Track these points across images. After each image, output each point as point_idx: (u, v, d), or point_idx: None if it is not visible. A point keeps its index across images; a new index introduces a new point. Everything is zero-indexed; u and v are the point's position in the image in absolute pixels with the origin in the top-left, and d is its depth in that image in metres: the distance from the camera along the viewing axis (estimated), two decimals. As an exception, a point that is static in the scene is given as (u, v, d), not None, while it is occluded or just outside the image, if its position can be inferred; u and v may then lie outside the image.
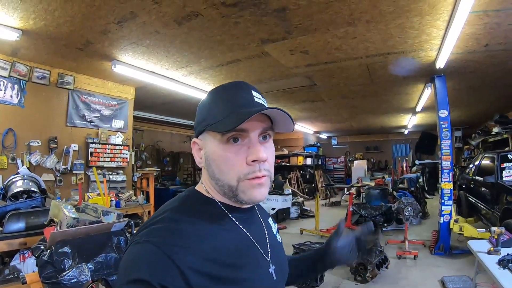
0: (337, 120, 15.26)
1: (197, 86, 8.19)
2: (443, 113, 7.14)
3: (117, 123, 8.30)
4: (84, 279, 2.69)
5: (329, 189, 16.35)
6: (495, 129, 11.00)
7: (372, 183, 12.45)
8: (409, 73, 7.31)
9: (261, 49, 5.88)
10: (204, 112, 1.02)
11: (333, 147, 22.24)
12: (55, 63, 6.55)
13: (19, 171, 5.20)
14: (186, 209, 0.99)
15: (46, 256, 2.69)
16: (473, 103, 10.85)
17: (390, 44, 5.76)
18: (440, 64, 6.29)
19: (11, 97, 6.14)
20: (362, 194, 11.74)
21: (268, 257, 1.08)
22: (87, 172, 7.39)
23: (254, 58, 6.37)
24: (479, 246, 3.72)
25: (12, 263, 3.79)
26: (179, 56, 6.26)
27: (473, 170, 8.50)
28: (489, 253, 3.44)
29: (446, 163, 7.10)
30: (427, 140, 16.25)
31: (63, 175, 6.95)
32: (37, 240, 3.21)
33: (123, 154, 8.20)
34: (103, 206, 4.36)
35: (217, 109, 0.98)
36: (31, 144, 6.43)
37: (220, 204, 1.03)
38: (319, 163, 19.63)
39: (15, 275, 3.50)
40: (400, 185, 11.93)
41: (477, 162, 8.44)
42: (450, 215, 6.84)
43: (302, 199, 13.64)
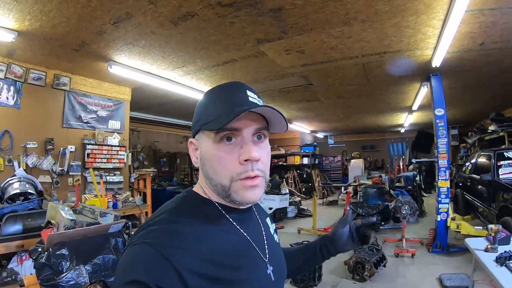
0: (333, 120, 15.28)
1: (193, 86, 8.18)
2: (440, 112, 7.16)
3: (114, 124, 8.27)
4: (82, 281, 2.68)
5: (326, 188, 16.36)
6: (491, 127, 11.03)
7: (369, 182, 12.47)
8: (405, 72, 7.33)
9: (257, 49, 5.88)
10: (200, 112, 1.02)
11: (330, 146, 22.25)
12: (51, 64, 6.52)
13: (15, 173, 5.17)
14: (184, 210, 0.99)
15: (43, 258, 2.68)
16: (469, 101, 10.87)
17: (386, 43, 5.77)
18: (436, 63, 6.30)
19: (7, 98, 6.11)
20: (359, 193, 11.76)
21: (266, 258, 1.08)
22: (84, 174, 7.36)
23: (250, 58, 6.36)
24: (476, 244, 3.73)
25: (9, 266, 3.77)
26: (175, 57, 6.25)
27: (469, 168, 8.52)
28: (486, 250, 3.44)
29: (442, 162, 7.11)
30: (423, 138, 16.30)
31: (60, 176, 6.92)
32: (35, 242, 3.20)
33: (120, 155, 8.17)
34: (100, 208, 4.33)
35: (211, 108, 0.98)
36: (28, 145, 6.40)
37: (217, 205, 1.02)
38: (316, 162, 19.65)
39: (13, 277, 3.48)
40: (397, 184, 11.94)
41: (473, 160, 8.47)
42: (447, 213, 6.86)
43: (299, 198, 13.62)
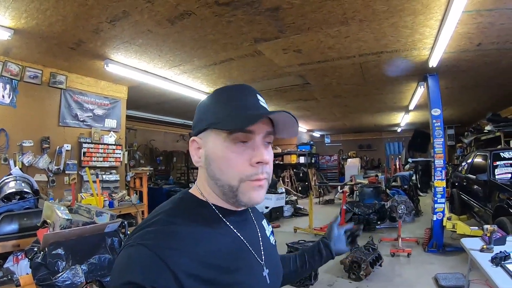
0: (330, 119, 15.29)
1: (190, 85, 8.18)
2: (436, 112, 7.17)
3: (110, 123, 8.24)
4: (78, 280, 2.69)
5: (322, 187, 16.38)
6: (488, 127, 11.06)
7: (366, 181, 12.51)
8: (402, 72, 7.34)
9: (254, 48, 5.87)
10: (208, 111, 1.01)
11: (326, 145, 22.25)
12: (47, 62, 6.50)
13: (11, 172, 5.18)
14: (180, 211, 0.98)
15: (39, 258, 2.69)
16: (466, 101, 10.89)
17: (383, 43, 5.77)
18: (433, 63, 6.31)
19: (3, 97, 6.08)
20: (355, 192, 11.79)
21: (262, 260, 1.08)
22: (80, 172, 7.34)
23: (247, 57, 6.36)
24: (472, 244, 3.73)
25: (5, 265, 3.78)
26: (171, 55, 6.23)
27: (465, 168, 8.54)
28: (482, 250, 3.44)
29: (438, 161, 7.13)
30: (419, 138, 16.30)
31: (56, 175, 6.89)
32: (31, 242, 3.21)
33: (116, 153, 8.15)
34: (96, 207, 4.34)
35: (223, 108, 0.98)
36: (24, 144, 6.37)
37: (214, 207, 1.02)
38: (313, 161, 19.66)
39: (9, 277, 3.49)
40: (393, 183, 11.99)
41: (469, 160, 8.49)
42: (443, 212, 6.88)
43: (295, 197, 13.65)
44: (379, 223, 8.88)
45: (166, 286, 0.79)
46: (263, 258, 1.09)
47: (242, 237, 1.04)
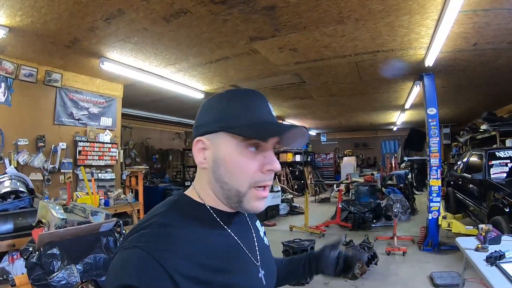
0: (326, 117, 15.30)
1: (186, 83, 8.16)
2: (432, 111, 7.19)
3: (106, 121, 8.20)
4: (74, 280, 2.67)
5: (318, 185, 16.38)
6: (483, 126, 11.08)
7: (361, 180, 12.50)
8: (398, 71, 7.35)
9: (250, 46, 5.86)
10: (222, 113, 0.99)
11: (323, 143, 22.25)
12: (42, 60, 6.45)
13: (6, 171, 5.15)
14: (175, 213, 0.98)
15: (34, 258, 2.67)
16: (462, 100, 10.91)
17: (379, 42, 5.77)
18: (429, 62, 6.31)
19: (-2, 95, 6.06)
20: (351, 190, 11.80)
21: (257, 261, 1.08)
22: (75, 171, 7.28)
23: (243, 56, 6.35)
24: (467, 243, 3.74)
25: (0, 265, 3.76)
26: (167, 54, 6.22)
27: (461, 167, 8.57)
28: (476, 250, 3.45)
29: (434, 160, 7.14)
30: (415, 137, 16.37)
31: (51, 174, 6.84)
32: (26, 241, 3.19)
33: (112, 152, 8.12)
34: (91, 206, 4.33)
35: (240, 112, 0.98)
36: (19, 143, 6.32)
37: (209, 209, 1.02)
38: (309, 159, 19.67)
39: (4, 277, 3.47)
40: (389, 182, 11.99)
41: (465, 159, 8.51)
42: (438, 211, 6.90)
43: (291, 195, 13.66)
44: (374, 221, 8.90)
45: None
46: (259, 259, 1.10)
47: (237, 238, 1.04)
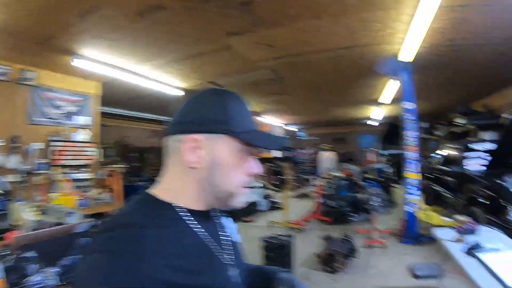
0: (304, 113, 15.38)
1: (163, 80, 8.10)
2: (409, 105, 7.22)
3: (82, 120, 8.08)
4: (51, 283, 2.62)
5: (298, 181, 16.38)
6: (459, 120, 11.24)
7: (340, 174, 12.56)
8: (375, 66, 7.36)
9: (227, 42, 5.83)
10: (222, 114, 0.98)
11: (302, 139, 22.33)
12: (15, 58, 6.32)
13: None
14: (141, 213, 0.93)
15: (10, 261, 2.62)
16: (439, 95, 11.07)
17: (355, 38, 5.80)
18: (406, 57, 6.37)
19: (-30, 95, 5.93)
20: (330, 185, 11.85)
21: (228, 260, 1.06)
22: (51, 172, 7.16)
23: (220, 52, 6.32)
24: (444, 234, 3.77)
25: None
26: (143, 50, 6.17)
27: (438, 160, 8.67)
28: (454, 241, 3.49)
29: (411, 154, 7.20)
30: (393, 131, 16.47)
31: (28, 175, 6.71)
32: (1, 245, 3.12)
33: (88, 151, 8.01)
34: (66, 207, 4.26)
35: (241, 117, 1.01)
36: (-7, 144, 6.20)
37: (176, 208, 0.97)
38: (288, 155, 19.68)
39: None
40: (368, 176, 12.07)
41: (442, 152, 8.62)
42: (416, 204, 6.96)
43: (271, 191, 13.64)
44: (354, 215, 8.94)
45: None
46: (230, 257, 1.07)
47: (209, 237, 1.01)
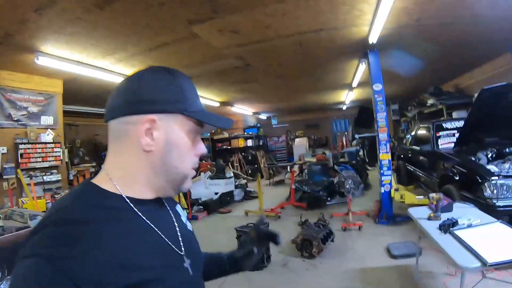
0: (275, 100, 15.34)
1: (127, 74, 7.88)
2: (377, 87, 7.25)
3: (47, 120, 7.94)
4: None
5: (272, 168, 16.44)
6: (430, 101, 11.39)
7: (314, 160, 12.60)
8: (342, 49, 7.32)
9: (189, 30, 5.69)
10: (174, 92, 0.94)
11: (274, 126, 22.38)
12: (-27, 60, 6.14)
13: None
14: (82, 207, 0.84)
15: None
16: (408, 76, 11.07)
17: (322, 21, 5.72)
18: (373, 39, 6.36)
19: None
20: (304, 171, 11.86)
21: (181, 251, 0.99)
22: (18, 176, 6.96)
23: (183, 41, 6.17)
24: (419, 213, 3.81)
25: None
26: (105, 43, 6.00)
27: (410, 140, 8.75)
28: (429, 219, 3.50)
29: (382, 135, 7.25)
30: (364, 114, 16.62)
31: (-6, 181, 6.55)
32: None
33: (56, 152, 7.93)
34: (30, 210, 4.15)
35: (192, 96, 0.98)
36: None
37: (124, 197, 0.90)
38: (261, 143, 19.76)
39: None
40: (341, 159, 12.15)
41: (413, 133, 8.70)
42: (390, 184, 7.00)
43: (245, 181, 13.62)
44: (329, 199, 8.98)
45: None
46: (182, 248, 1.00)
47: (157, 228, 0.93)
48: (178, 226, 1.06)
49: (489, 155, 5.57)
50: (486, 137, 5.81)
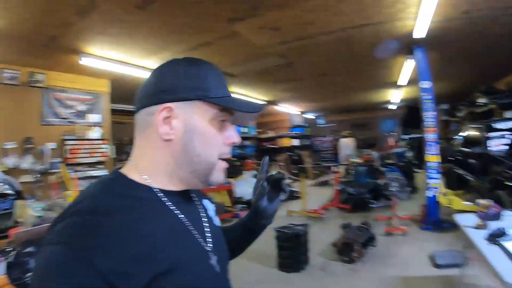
0: (320, 99, 15.23)
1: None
2: (425, 85, 6.99)
3: (94, 118, 8.27)
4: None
5: (317, 169, 16.28)
6: (481, 100, 10.90)
7: (360, 160, 12.37)
8: (388, 45, 7.09)
9: (230, 28, 5.68)
10: (194, 79, 0.93)
11: (320, 126, 22.19)
12: (23, 62, 6.52)
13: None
14: (110, 196, 0.84)
15: (12, 257, 2.61)
16: (458, 74, 10.70)
17: (365, 16, 5.54)
18: (418, 34, 6.11)
19: (-19, 100, 6.12)
20: (350, 171, 11.66)
21: (208, 246, 0.97)
22: (66, 170, 7.24)
23: (224, 39, 6.18)
24: (466, 220, 3.60)
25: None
26: (147, 43, 6.15)
27: (460, 141, 8.43)
28: (476, 227, 3.30)
29: (431, 136, 6.96)
30: (413, 113, 16.21)
31: (43, 175, 6.91)
32: (6, 242, 3.20)
33: (103, 148, 8.22)
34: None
35: (215, 82, 0.95)
36: (7, 146, 6.42)
37: (152, 188, 0.90)
38: (307, 143, 19.59)
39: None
40: (388, 161, 11.85)
41: (464, 134, 8.38)
42: (437, 188, 6.72)
43: (290, 180, 13.53)
44: (374, 202, 8.76)
45: None
46: (210, 243, 0.99)
47: (186, 221, 0.93)
48: (206, 219, 1.05)
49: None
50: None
